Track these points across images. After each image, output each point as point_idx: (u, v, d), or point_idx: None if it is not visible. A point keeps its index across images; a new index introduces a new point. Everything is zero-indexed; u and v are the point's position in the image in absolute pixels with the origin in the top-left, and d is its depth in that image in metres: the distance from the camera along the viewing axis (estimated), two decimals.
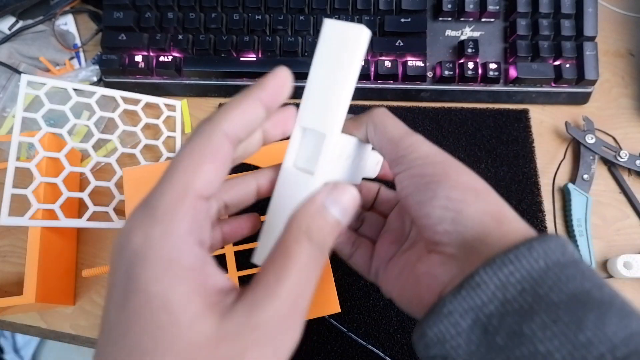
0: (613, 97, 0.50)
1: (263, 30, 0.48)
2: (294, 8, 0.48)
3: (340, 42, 0.23)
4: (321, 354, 0.39)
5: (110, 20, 0.47)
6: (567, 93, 0.48)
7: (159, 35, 0.47)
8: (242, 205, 0.23)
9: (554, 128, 0.48)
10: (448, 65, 0.47)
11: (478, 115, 0.48)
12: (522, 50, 0.47)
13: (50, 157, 0.39)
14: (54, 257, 0.39)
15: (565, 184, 0.45)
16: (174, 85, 0.48)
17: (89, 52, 0.52)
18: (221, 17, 0.47)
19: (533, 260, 0.18)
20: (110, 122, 0.46)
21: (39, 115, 0.39)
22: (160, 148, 0.46)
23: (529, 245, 0.18)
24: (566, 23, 0.47)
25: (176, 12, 0.48)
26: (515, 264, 0.18)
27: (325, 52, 0.23)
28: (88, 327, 0.41)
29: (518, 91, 0.48)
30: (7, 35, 0.51)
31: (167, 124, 0.47)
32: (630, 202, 0.45)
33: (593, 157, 0.45)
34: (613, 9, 0.54)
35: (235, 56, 0.48)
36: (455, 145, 0.47)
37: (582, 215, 0.43)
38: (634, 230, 0.44)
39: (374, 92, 0.48)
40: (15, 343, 0.96)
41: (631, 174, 0.46)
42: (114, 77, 0.48)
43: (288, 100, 0.21)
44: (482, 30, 0.49)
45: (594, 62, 0.46)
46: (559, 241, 0.18)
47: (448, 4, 0.48)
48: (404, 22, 0.47)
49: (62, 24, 0.53)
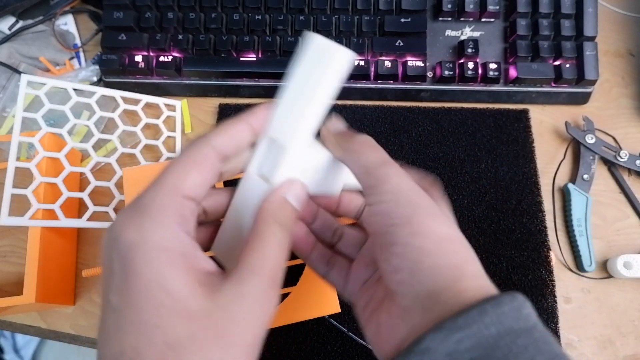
0: (613, 97, 0.50)
1: (263, 30, 0.48)
2: (294, 8, 0.48)
3: (321, 60, 0.22)
4: (321, 354, 0.39)
5: (110, 20, 0.47)
6: (567, 93, 0.48)
7: (159, 35, 0.47)
8: (219, 213, 0.24)
9: (554, 128, 0.48)
10: (448, 65, 0.47)
11: (478, 115, 0.48)
12: (522, 50, 0.47)
13: (50, 157, 0.39)
14: (54, 257, 0.39)
15: (566, 184, 0.45)
16: (174, 85, 0.48)
17: (89, 52, 0.52)
18: (221, 17, 0.47)
19: (484, 327, 0.17)
20: (110, 122, 0.46)
21: (39, 115, 0.39)
22: (160, 148, 0.46)
23: (481, 308, 0.17)
24: (566, 23, 0.47)
25: (176, 12, 0.48)
26: (465, 330, 0.17)
27: (305, 67, 0.23)
28: (88, 327, 0.41)
29: (518, 91, 0.48)
30: (7, 35, 0.51)
31: (167, 124, 0.47)
32: (630, 202, 0.45)
33: (593, 157, 0.45)
34: (613, 9, 0.54)
35: (235, 56, 0.48)
36: (455, 145, 0.47)
37: (582, 215, 0.43)
38: (634, 230, 0.44)
39: (374, 92, 0.48)
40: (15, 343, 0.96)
41: (631, 174, 0.46)
42: (114, 77, 0.48)
43: None
44: (482, 30, 0.49)
45: (594, 62, 0.46)
46: (514, 304, 0.18)
47: (448, 4, 0.48)
48: (404, 22, 0.47)
49: (62, 24, 0.53)
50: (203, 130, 0.48)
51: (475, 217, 0.44)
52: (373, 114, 0.48)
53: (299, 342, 0.39)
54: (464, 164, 0.46)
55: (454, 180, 0.45)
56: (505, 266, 0.42)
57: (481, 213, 0.44)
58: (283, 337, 0.39)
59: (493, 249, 0.42)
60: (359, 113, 0.48)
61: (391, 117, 0.48)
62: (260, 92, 0.48)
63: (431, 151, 0.46)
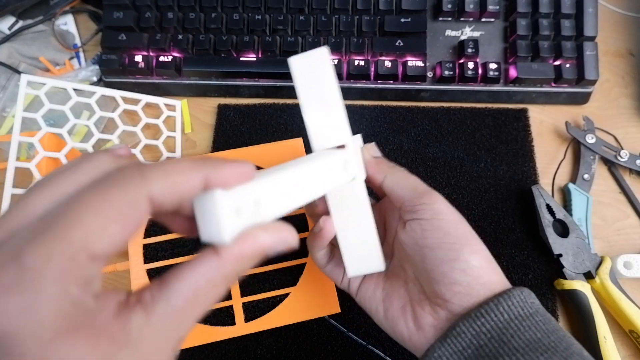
0: (613, 97, 0.50)
1: (263, 30, 0.48)
2: (294, 8, 0.48)
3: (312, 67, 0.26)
4: (321, 354, 0.39)
5: (110, 20, 0.47)
6: (567, 93, 0.48)
7: (159, 35, 0.47)
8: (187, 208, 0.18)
9: (554, 128, 0.48)
10: (448, 65, 0.47)
11: (477, 115, 0.48)
12: (522, 50, 0.47)
13: (50, 157, 0.39)
14: None
15: (566, 184, 0.45)
16: (174, 85, 0.48)
17: (89, 52, 0.52)
18: (221, 17, 0.47)
19: (499, 314, 0.23)
20: (110, 122, 0.46)
21: (38, 115, 0.39)
22: (160, 148, 0.46)
23: (497, 301, 0.24)
24: (566, 23, 0.47)
25: (176, 12, 0.48)
26: (485, 317, 0.23)
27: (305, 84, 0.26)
28: None
29: (518, 91, 0.48)
30: (7, 35, 0.51)
31: (167, 124, 0.47)
32: (631, 202, 0.45)
33: (593, 157, 0.45)
34: (613, 9, 0.54)
35: (235, 56, 0.48)
36: (455, 144, 0.47)
37: (582, 215, 0.43)
38: (634, 230, 0.44)
39: (374, 92, 0.48)
40: None
41: (632, 173, 0.46)
42: (114, 77, 0.48)
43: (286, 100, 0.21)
44: (482, 30, 0.49)
45: (594, 62, 0.46)
46: (522, 296, 0.24)
47: (448, 4, 0.48)
48: (404, 22, 0.47)
49: (62, 24, 0.53)
50: (203, 130, 0.48)
51: (475, 216, 0.44)
52: (373, 114, 0.48)
53: (299, 342, 0.39)
54: (464, 163, 0.46)
55: (453, 179, 0.45)
56: (506, 265, 0.42)
57: (481, 212, 0.44)
58: (283, 337, 0.39)
59: (493, 248, 0.41)
60: (359, 113, 0.48)
61: (391, 116, 0.48)
62: (260, 92, 0.48)
63: (431, 151, 0.46)
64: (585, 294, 0.39)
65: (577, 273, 0.40)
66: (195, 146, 0.48)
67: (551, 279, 0.41)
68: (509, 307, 0.23)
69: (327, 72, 0.25)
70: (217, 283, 0.17)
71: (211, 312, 0.39)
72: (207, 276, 0.16)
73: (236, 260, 0.17)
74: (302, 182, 0.21)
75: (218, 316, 0.39)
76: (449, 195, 0.44)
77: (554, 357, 0.22)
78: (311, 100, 0.26)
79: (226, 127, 0.47)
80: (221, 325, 0.38)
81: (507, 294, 0.24)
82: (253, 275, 0.40)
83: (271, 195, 0.19)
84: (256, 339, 0.39)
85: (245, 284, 0.40)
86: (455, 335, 0.23)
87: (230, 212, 0.17)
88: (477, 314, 0.23)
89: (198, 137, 0.48)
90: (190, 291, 0.16)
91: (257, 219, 0.18)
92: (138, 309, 0.15)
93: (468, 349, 0.23)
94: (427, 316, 0.26)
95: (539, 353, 0.22)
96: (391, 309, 0.28)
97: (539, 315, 0.24)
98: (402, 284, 0.29)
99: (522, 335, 0.23)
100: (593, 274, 0.40)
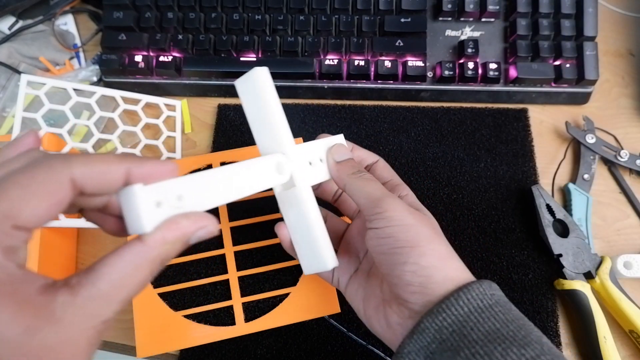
0: (613, 97, 0.50)
1: (263, 30, 0.48)
2: (294, 8, 0.48)
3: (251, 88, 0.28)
4: (321, 354, 0.39)
5: (110, 20, 0.47)
6: (567, 93, 0.48)
7: (159, 35, 0.47)
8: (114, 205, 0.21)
9: (554, 128, 0.48)
10: (448, 65, 0.47)
11: (477, 114, 0.48)
12: (522, 50, 0.47)
13: None
14: (54, 257, 0.39)
15: (566, 184, 0.45)
16: (174, 85, 0.48)
17: (89, 52, 0.52)
18: (221, 17, 0.47)
19: (459, 307, 0.24)
20: (110, 122, 0.46)
21: (38, 115, 0.39)
22: (160, 148, 0.46)
23: (457, 295, 0.24)
24: (566, 23, 0.47)
25: (176, 12, 0.48)
26: (447, 311, 0.24)
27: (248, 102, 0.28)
28: None
29: (518, 91, 0.48)
30: (7, 35, 0.51)
31: (167, 124, 0.47)
32: (630, 202, 0.45)
33: (593, 156, 0.45)
34: (613, 9, 0.54)
35: (235, 56, 0.48)
36: (455, 144, 0.47)
37: (582, 215, 0.43)
38: (634, 230, 0.44)
39: (374, 92, 0.48)
40: None
41: (632, 173, 0.46)
42: (114, 77, 0.48)
43: (286, 100, 0.22)
44: (482, 30, 0.49)
45: (594, 62, 0.46)
46: (481, 289, 0.25)
47: (448, 4, 0.48)
48: (404, 22, 0.47)
49: (62, 24, 0.53)
50: (203, 130, 0.48)
51: (475, 216, 0.44)
52: (373, 114, 0.48)
53: (299, 342, 0.39)
54: (464, 163, 0.46)
55: (453, 179, 0.45)
56: (506, 265, 0.42)
57: (481, 212, 0.44)
58: (283, 337, 0.39)
59: (493, 248, 0.42)
60: (359, 113, 0.48)
61: (391, 116, 0.48)
62: None
63: (431, 150, 0.46)
64: (585, 294, 0.39)
65: (577, 273, 0.40)
66: (195, 146, 0.48)
67: (551, 279, 0.41)
68: (468, 300, 0.24)
69: (266, 90, 0.27)
70: (142, 268, 0.18)
71: (211, 312, 0.39)
72: (133, 262, 0.18)
73: (160, 245, 0.19)
74: (226, 181, 0.23)
75: (218, 316, 0.39)
76: (449, 195, 0.45)
77: (511, 346, 0.22)
78: (254, 115, 0.28)
79: (226, 127, 0.47)
80: (221, 325, 0.38)
81: (466, 288, 0.24)
82: (253, 275, 0.40)
83: (194, 191, 0.21)
84: (256, 339, 0.39)
85: (245, 284, 0.40)
86: (420, 331, 0.24)
87: (150, 204, 0.19)
88: (438, 310, 0.24)
89: (198, 137, 0.48)
90: (116, 275, 0.18)
91: (179, 212, 0.20)
92: (64, 290, 0.17)
93: (432, 344, 0.24)
94: (394, 315, 0.27)
95: (497, 343, 0.22)
96: (368, 308, 0.29)
97: (498, 306, 0.24)
98: (378, 284, 0.30)
99: (481, 327, 0.23)
100: (593, 274, 0.40)
